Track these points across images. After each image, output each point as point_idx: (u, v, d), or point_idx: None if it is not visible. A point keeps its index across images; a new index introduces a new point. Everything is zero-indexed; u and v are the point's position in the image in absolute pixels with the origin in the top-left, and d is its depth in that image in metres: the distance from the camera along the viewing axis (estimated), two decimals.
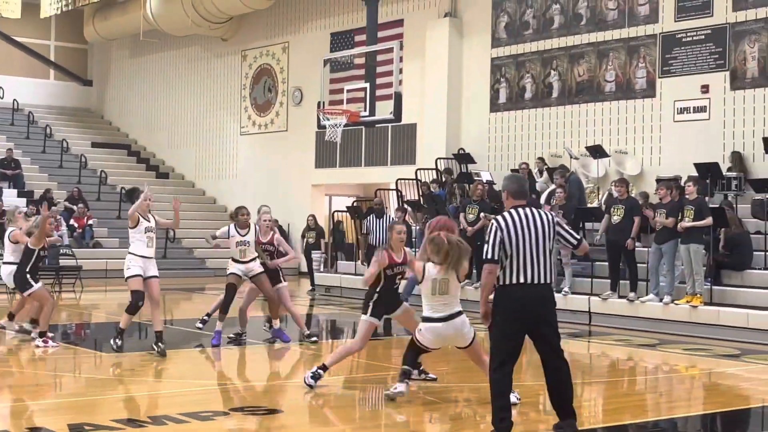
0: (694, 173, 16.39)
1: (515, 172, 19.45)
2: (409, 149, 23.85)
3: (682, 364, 12.41)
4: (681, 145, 18.54)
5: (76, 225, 24.88)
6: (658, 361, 12.61)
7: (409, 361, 8.91)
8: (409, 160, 23.53)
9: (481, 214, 16.52)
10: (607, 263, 15.80)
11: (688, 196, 14.54)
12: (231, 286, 12.30)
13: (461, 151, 21.80)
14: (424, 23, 23.36)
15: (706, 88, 18.34)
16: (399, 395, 8.74)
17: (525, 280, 7.06)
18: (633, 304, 15.14)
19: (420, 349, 8.79)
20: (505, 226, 7.09)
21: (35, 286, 12.13)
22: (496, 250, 7.06)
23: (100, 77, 35.41)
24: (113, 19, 31.76)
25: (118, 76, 34.53)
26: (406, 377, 8.87)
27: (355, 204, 22.56)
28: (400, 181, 21.82)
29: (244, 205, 12.77)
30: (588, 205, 17.91)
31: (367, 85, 18.40)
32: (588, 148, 19.21)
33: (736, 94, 17.94)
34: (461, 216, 16.92)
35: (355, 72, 21.89)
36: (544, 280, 7.11)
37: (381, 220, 17.39)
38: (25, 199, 25.67)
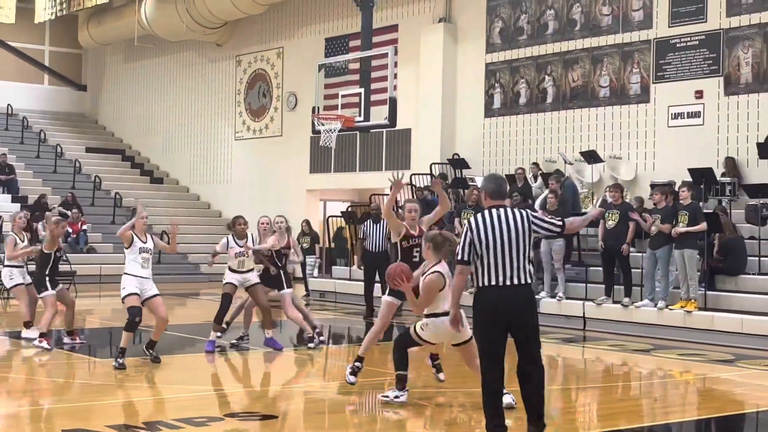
0: (689, 178, 16.42)
1: (510, 177, 19.50)
2: (403, 154, 23.86)
3: (677, 370, 12.42)
4: (675, 151, 18.57)
5: (71, 230, 24.83)
6: (652, 366, 12.62)
7: (402, 364, 8.90)
8: (403, 165, 23.50)
9: None
10: (601, 268, 15.82)
11: (682, 202, 14.57)
12: (227, 296, 12.29)
13: (456, 157, 21.81)
14: (418, 28, 23.37)
15: (700, 94, 18.38)
16: (400, 404, 8.74)
17: (497, 282, 6.96)
18: (627, 309, 15.15)
19: (410, 345, 8.79)
20: (475, 226, 7.03)
21: (48, 291, 12.44)
22: (466, 251, 7.01)
23: (94, 82, 35.37)
24: (108, 24, 31.74)
25: (113, 81, 34.50)
26: (404, 383, 8.86)
27: (349, 209, 22.56)
28: None
29: (241, 215, 12.72)
30: (582, 211, 17.92)
31: (362, 90, 18.43)
32: (582, 154, 19.23)
33: (730, 99, 17.97)
34: (456, 221, 16.93)
35: (350, 77, 21.91)
36: (518, 281, 6.99)
37: (378, 225, 17.39)
38: (19, 205, 25.64)
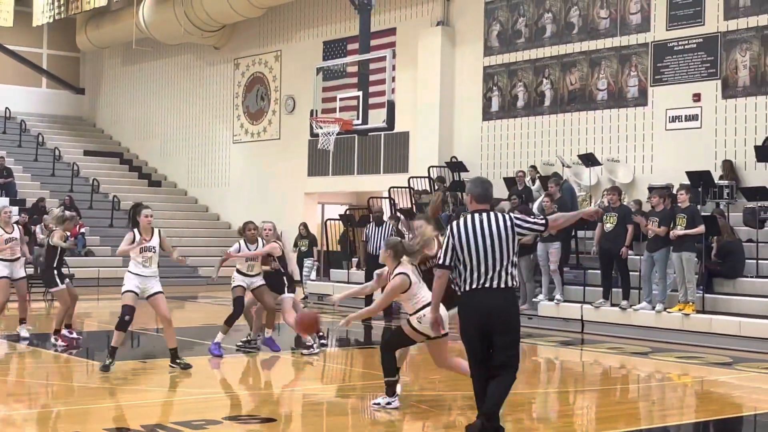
0: (686, 181, 16.42)
1: (510, 180, 19.51)
2: (401, 157, 23.86)
3: (675, 372, 12.42)
4: (673, 154, 18.58)
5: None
6: (650, 369, 12.62)
7: (391, 370, 8.89)
8: (401, 168, 23.54)
9: None
10: (599, 271, 15.83)
11: (680, 204, 14.58)
12: (240, 299, 12.34)
13: (454, 160, 21.82)
14: (416, 32, 23.39)
15: (697, 97, 18.40)
16: (393, 410, 8.75)
17: (479, 286, 6.98)
18: (625, 312, 15.16)
19: (398, 346, 8.81)
20: (457, 231, 7.06)
21: (59, 286, 12.79)
22: (448, 256, 7.05)
23: (92, 85, 35.37)
24: (106, 27, 31.76)
25: (111, 84, 34.50)
26: (394, 389, 8.87)
27: (347, 212, 22.56)
28: (392, 189, 21.84)
29: (251, 221, 12.72)
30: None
31: (360, 93, 18.42)
32: (580, 157, 19.24)
33: (727, 102, 18.00)
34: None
35: (348, 80, 21.88)
36: (497, 285, 6.97)
37: (380, 229, 17.43)
38: (17, 208, 25.63)
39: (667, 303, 14.76)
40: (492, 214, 7.12)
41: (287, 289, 12.64)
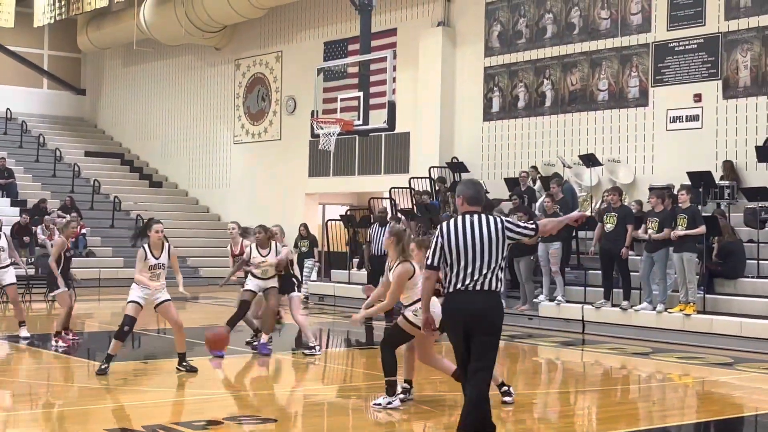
0: (687, 182, 16.42)
1: (514, 180, 19.49)
2: (402, 158, 23.86)
3: (676, 373, 12.42)
4: (674, 154, 18.57)
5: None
6: (651, 369, 12.62)
7: (392, 369, 8.90)
8: (402, 169, 23.53)
9: None
10: (600, 272, 15.82)
11: (681, 205, 14.57)
12: (245, 303, 12.38)
13: (455, 160, 21.81)
14: (417, 32, 23.39)
15: (698, 97, 18.39)
16: (394, 409, 8.75)
17: (465, 288, 6.87)
18: (626, 312, 15.16)
19: (398, 343, 8.81)
20: (446, 232, 6.94)
21: (60, 288, 12.87)
22: (436, 257, 6.95)
23: (93, 86, 35.38)
24: (107, 28, 31.76)
25: (112, 85, 34.51)
26: (395, 389, 8.87)
27: (348, 213, 22.56)
28: (393, 189, 21.83)
29: (260, 224, 12.72)
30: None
31: (361, 94, 18.42)
32: (581, 157, 19.23)
33: (728, 103, 17.99)
34: None
35: (349, 81, 21.90)
36: (482, 287, 6.86)
37: (384, 229, 17.41)
38: (18, 209, 25.66)
39: (668, 303, 14.76)
40: (483, 217, 6.99)
41: (297, 287, 12.76)
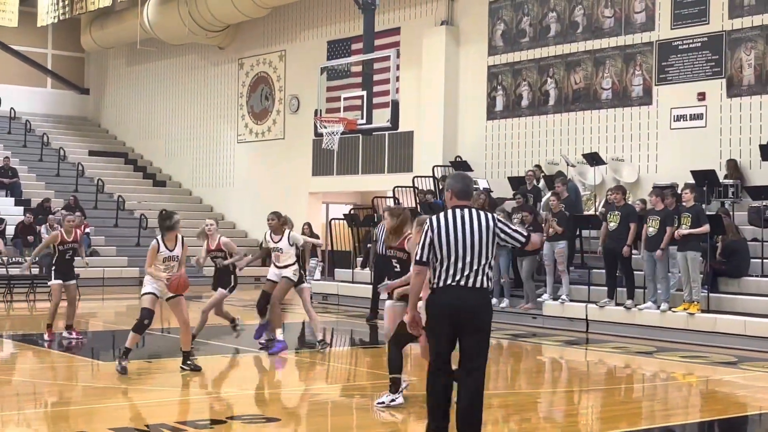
0: (691, 180, 16.41)
1: (520, 179, 19.46)
2: (406, 157, 23.86)
3: (680, 372, 12.41)
4: (678, 153, 18.56)
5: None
6: (655, 368, 12.61)
7: (397, 367, 8.90)
8: (406, 168, 23.54)
9: None
10: (604, 271, 15.81)
11: (684, 204, 14.55)
12: (265, 293, 12.47)
13: (458, 159, 21.80)
14: (420, 31, 23.39)
15: (702, 96, 18.37)
16: (398, 406, 8.75)
17: (454, 283, 6.72)
18: (630, 311, 15.15)
19: (405, 341, 8.80)
20: (437, 227, 6.78)
21: (51, 281, 13.54)
22: (425, 252, 6.78)
23: (97, 85, 35.42)
24: (110, 27, 31.80)
25: (115, 84, 34.54)
26: (398, 386, 8.87)
27: (352, 212, 22.56)
28: (397, 188, 21.84)
29: (274, 211, 12.63)
30: (585, 213, 17.92)
31: (364, 93, 18.42)
32: (585, 156, 19.22)
33: (732, 101, 17.97)
34: None
35: (352, 80, 21.90)
36: (473, 284, 6.73)
37: None
38: (22, 208, 25.69)
39: (672, 302, 14.74)
40: (474, 211, 6.84)
41: (305, 279, 12.85)
